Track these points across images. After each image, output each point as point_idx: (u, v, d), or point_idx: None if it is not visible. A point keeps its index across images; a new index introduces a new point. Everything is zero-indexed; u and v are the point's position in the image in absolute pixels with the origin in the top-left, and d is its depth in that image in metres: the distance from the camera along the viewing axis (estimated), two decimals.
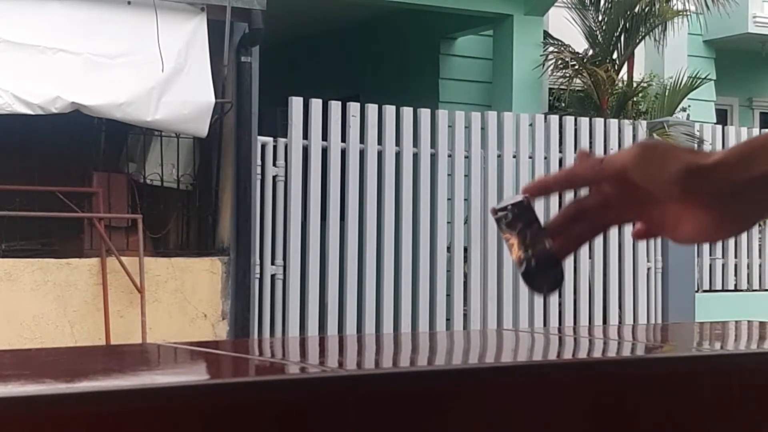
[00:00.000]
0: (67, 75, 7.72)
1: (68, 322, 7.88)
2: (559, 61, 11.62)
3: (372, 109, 9.09)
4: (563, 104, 11.98)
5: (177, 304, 8.23)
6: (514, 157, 9.65)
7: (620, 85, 11.76)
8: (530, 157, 9.73)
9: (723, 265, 11.00)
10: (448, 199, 9.41)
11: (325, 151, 8.90)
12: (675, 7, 11.86)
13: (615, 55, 11.79)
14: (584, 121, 10.03)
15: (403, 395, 0.93)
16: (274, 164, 8.79)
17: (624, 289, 10.03)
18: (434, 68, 12.11)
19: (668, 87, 11.64)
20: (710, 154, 1.09)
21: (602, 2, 11.80)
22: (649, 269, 10.21)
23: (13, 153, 8.29)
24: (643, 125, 10.41)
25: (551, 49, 11.68)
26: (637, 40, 11.73)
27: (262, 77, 8.73)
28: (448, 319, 9.31)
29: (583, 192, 1.16)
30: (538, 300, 9.67)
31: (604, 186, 1.13)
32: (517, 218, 1.08)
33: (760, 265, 11.17)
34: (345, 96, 9.56)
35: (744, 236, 10.99)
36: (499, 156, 9.61)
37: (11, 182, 8.12)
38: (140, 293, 7.95)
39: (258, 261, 8.64)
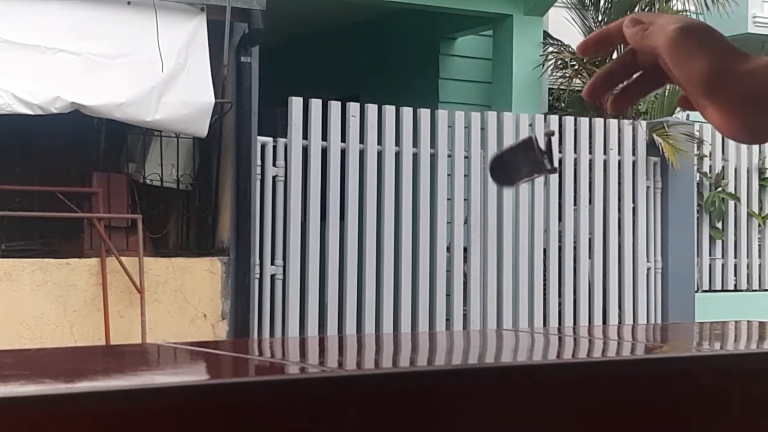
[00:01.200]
0: (67, 75, 7.72)
1: (68, 322, 7.88)
2: (559, 61, 11.63)
3: (372, 109, 9.09)
4: (563, 104, 11.98)
5: (177, 304, 8.23)
6: None
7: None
8: None
9: (723, 265, 11.00)
10: (448, 199, 9.41)
11: (324, 151, 8.90)
12: (675, 7, 11.86)
13: (615, 55, 11.78)
14: (584, 121, 10.03)
15: (403, 395, 0.93)
16: (274, 164, 8.79)
17: (624, 289, 10.03)
18: (434, 68, 12.11)
19: (668, 87, 11.63)
20: (747, 58, 1.06)
21: (602, 2, 11.80)
22: (649, 269, 10.21)
23: (13, 153, 8.29)
24: (643, 125, 10.41)
25: (551, 49, 11.68)
26: None
27: (262, 77, 8.73)
28: (447, 319, 9.31)
29: None
30: (538, 300, 9.67)
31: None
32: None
33: (760, 265, 11.17)
34: (345, 96, 9.56)
35: (744, 236, 10.99)
36: None
37: (11, 182, 8.12)
38: (140, 293, 7.95)
39: (258, 261, 8.64)
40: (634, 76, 1.15)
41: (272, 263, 8.74)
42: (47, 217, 8.20)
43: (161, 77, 7.98)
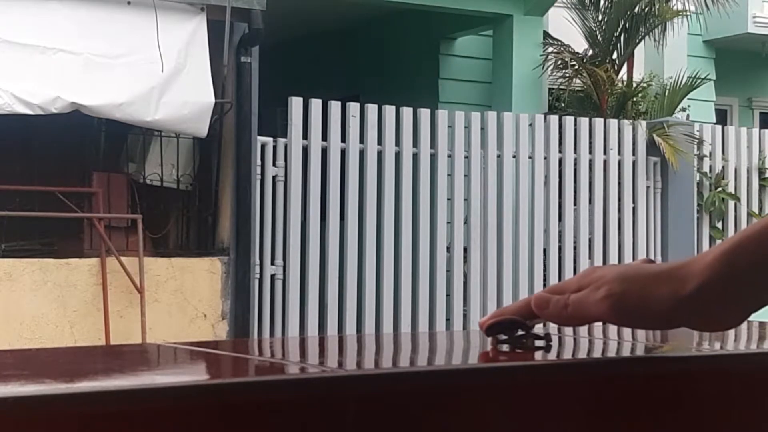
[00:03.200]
0: (67, 75, 7.72)
1: (68, 322, 7.88)
2: (559, 61, 11.63)
3: (372, 109, 9.09)
4: (563, 104, 11.98)
5: (177, 304, 8.23)
6: (514, 157, 9.65)
7: (620, 85, 11.76)
8: (530, 157, 9.73)
9: None
10: (448, 199, 9.41)
11: (324, 151, 8.90)
12: (675, 7, 11.86)
13: (615, 55, 11.79)
14: (584, 122, 10.03)
15: (403, 395, 0.93)
16: (274, 164, 8.79)
17: None
18: (434, 68, 12.11)
19: (668, 87, 11.64)
20: (688, 274, 0.98)
21: (602, 2, 11.80)
22: None
23: (13, 153, 8.29)
24: (642, 125, 10.42)
25: (551, 49, 11.68)
26: (637, 41, 11.73)
27: (262, 77, 8.73)
28: (447, 319, 9.31)
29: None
30: None
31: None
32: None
33: None
34: (345, 96, 9.56)
35: None
36: (498, 156, 9.61)
37: (11, 182, 8.12)
38: (140, 293, 7.95)
39: (258, 261, 8.64)
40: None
41: (272, 263, 8.74)
42: (47, 217, 8.20)
43: (161, 77, 7.98)
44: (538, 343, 1.10)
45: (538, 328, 1.12)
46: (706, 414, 1.04)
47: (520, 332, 1.09)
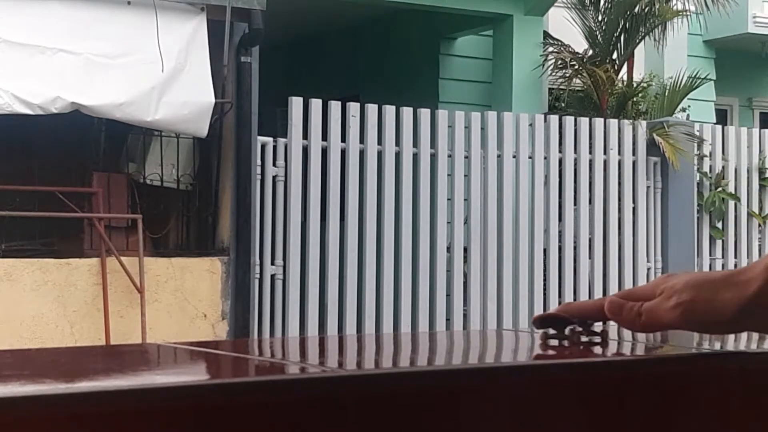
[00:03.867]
0: (67, 75, 7.72)
1: (68, 322, 7.88)
2: (559, 61, 11.62)
3: (372, 109, 9.09)
4: (563, 104, 11.98)
5: (177, 304, 8.23)
6: (514, 157, 9.65)
7: (620, 85, 11.76)
8: (530, 157, 9.73)
9: (723, 265, 10.99)
10: (448, 199, 9.41)
11: (325, 151, 8.90)
12: (675, 7, 11.85)
13: (615, 55, 11.79)
14: (584, 121, 10.03)
15: (403, 395, 0.93)
16: (274, 164, 8.79)
17: (624, 289, 10.01)
18: (434, 68, 12.11)
19: (668, 87, 11.64)
20: (748, 278, 1.04)
21: (602, 2, 11.79)
22: (649, 269, 10.21)
23: (13, 153, 8.29)
24: (643, 125, 10.41)
25: (551, 49, 11.68)
26: (637, 40, 11.73)
27: (262, 77, 8.73)
28: (448, 319, 9.31)
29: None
30: (538, 300, 9.67)
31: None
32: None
33: None
34: (345, 96, 9.56)
35: (744, 236, 10.99)
36: (498, 156, 9.61)
37: (11, 182, 8.12)
38: (140, 293, 7.95)
39: (258, 261, 8.64)
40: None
41: (272, 263, 8.74)
42: (47, 217, 8.20)
43: (161, 77, 7.98)
44: (584, 339, 1.15)
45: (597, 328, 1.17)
46: (706, 414, 1.04)
47: (572, 329, 1.15)
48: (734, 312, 1.04)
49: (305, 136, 8.83)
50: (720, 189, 10.75)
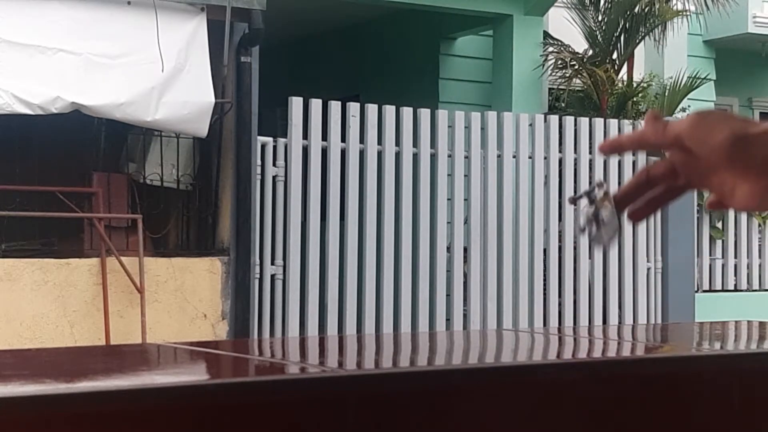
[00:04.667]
0: (67, 75, 7.72)
1: (68, 322, 7.88)
2: (559, 61, 11.63)
3: (372, 109, 9.09)
4: (563, 104, 11.98)
5: (177, 304, 8.23)
6: (514, 157, 9.65)
7: (620, 85, 11.76)
8: (530, 157, 9.73)
9: (723, 265, 11.00)
10: (448, 199, 9.41)
11: (325, 151, 8.90)
12: (675, 7, 11.86)
13: (615, 55, 11.79)
14: (584, 122, 10.03)
15: (403, 395, 0.93)
16: (274, 164, 8.79)
17: (624, 289, 10.02)
18: (434, 68, 12.11)
19: (668, 87, 11.64)
20: (761, 123, 1.10)
21: (602, 2, 11.80)
22: (649, 269, 10.21)
23: (13, 153, 8.29)
24: (642, 125, 10.41)
25: (551, 49, 11.68)
26: (637, 40, 11.73)
27: (262, 77, 8.73)
28: (447, 319, 9.31)
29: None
30: (538, 300, 9.67)
31: (670, 152, 1.17)
32: (589, 195, 1.21)
33: (760, 265, 11.16)
34: (345, 96, 9.56)
35: (744, 236, 10.99)
36: (498, 156, 9.61)
37: (11, 182, 8.12)
38: (140, 293, 7.95)
39: (258, 261, 8.64)
40: (649, 193, 1.21)
41: (272, 263, 8.74)
42: (47, 217, 8.20)
43: (161, 77, 7.98)
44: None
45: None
46: (706, 413, 1.04)
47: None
48: (725, 138, 1.09)
49: (305, 136, 8.83)
50: None
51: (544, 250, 9.75)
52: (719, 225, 10.84)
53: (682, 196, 1.21)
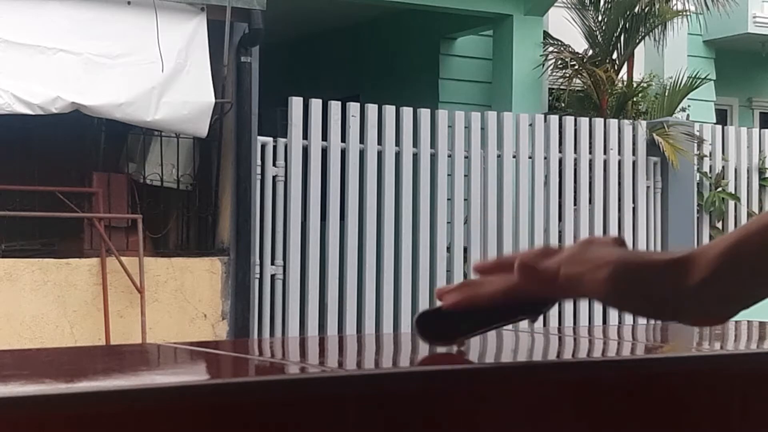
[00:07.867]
0: (67, 75, 7.72)
1: (68, 322, 7.87)
2: (559, 61, 11.62)
3: (372, 109, 9.09)
4: (563, 104, 11.98)
5: (177, 304, 8.23)
6: (514, 157, 9.65)
7: (620, 85, 11.76)
8: (530, 157, 9.73)
9: None
10: (448, 199, 9.41)
11: (325, 151, 8.90)
12: (675, 7, 11.85)
13: (615, 55, 11.78)
14: (584, 121, 10.03)
15: (403, 395, 0.93)
16: (274, 164, 8.79)
17: None
18: (434, 68, 12.11)
19: (668, 87, 11.64)
20: (692, 267, 0.98)
21: (602, 2, 11.79)
22: None
23: (13, 153, 8.29)
24: (642, 125, 10.41)
25: (551, 49, 11.68)
26: (637, 40, 11.73)
27: (262, 77, 8.73)
28: None
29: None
30: None
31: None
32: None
33: None
34: (345, 96, 9.56)
35: None
36: (498, 156, 9.61)
37: (11, 182, 8.12)
38: (140, 293, 7.95)
39: (258, 261, 8.64)
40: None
41: (272, 263, 8.74)
42: (47, 217, 8.20)
43: (161, 77, 7.98)
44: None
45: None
46: (706, 413, 1.04)
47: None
48: (670, 298, 0.98)
49: (305, 136, 8.83)
50: (720, 189, 10.75)
51: None
52: (719, 225, 10.84)
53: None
